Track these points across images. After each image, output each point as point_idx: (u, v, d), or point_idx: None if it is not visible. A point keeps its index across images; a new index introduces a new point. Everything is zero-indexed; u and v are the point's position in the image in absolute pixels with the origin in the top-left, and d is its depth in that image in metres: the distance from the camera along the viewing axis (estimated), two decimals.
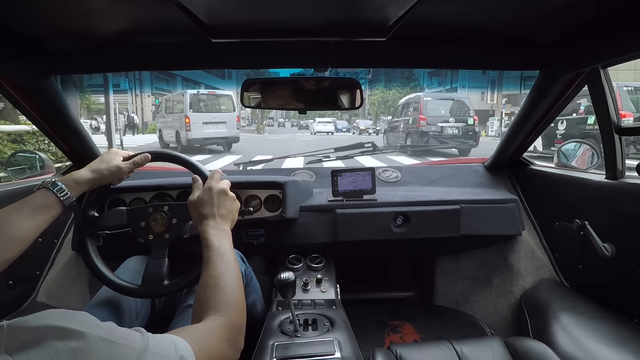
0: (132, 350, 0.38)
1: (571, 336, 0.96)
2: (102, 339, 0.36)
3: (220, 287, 0.62)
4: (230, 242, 0.73)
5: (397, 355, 0.91)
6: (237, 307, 0.61)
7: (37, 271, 1.22)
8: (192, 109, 9.58)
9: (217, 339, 0.53)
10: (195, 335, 0.50)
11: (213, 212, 0.75)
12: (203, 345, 0.49)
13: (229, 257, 0.68)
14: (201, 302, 0.61)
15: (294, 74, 0.98)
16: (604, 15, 0.76)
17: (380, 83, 29.76)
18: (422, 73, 25.24)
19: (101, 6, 0.69)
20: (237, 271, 0.68)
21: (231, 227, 0.78)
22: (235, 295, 0.63)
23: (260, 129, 21.70)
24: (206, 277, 0.64)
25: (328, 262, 1.29)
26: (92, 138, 1.29)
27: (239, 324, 0.60)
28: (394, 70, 25.12)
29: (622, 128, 0.97)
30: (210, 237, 0.70)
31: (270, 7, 0.71)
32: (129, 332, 0.41)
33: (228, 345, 0.55)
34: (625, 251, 1.00)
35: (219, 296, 0.61)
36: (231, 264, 0.68)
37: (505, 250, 1.45)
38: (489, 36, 0.91)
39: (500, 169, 1.58)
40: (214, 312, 0.58)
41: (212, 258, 0.67)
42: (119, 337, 0.38)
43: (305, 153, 1.99)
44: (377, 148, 2.09)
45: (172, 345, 0.43)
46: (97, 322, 0.38)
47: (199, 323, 0.56)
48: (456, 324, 1.49)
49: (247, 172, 1.65)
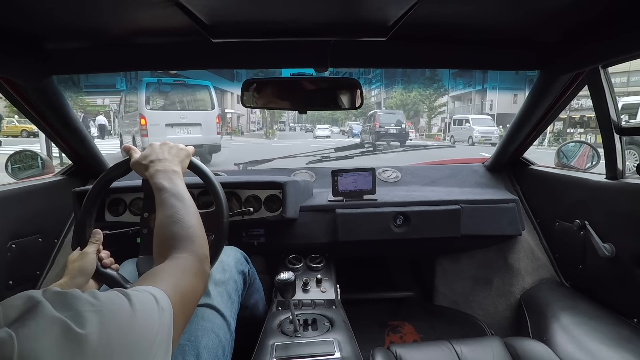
0: (124, 313, 0.37)
1: (571, 336, 0.96)
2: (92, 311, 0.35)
3: (178, 224, 0.61)
4: (182, 181, 0.72)
5: (396, 355, 0.91)
6: (197, 241, 0.60)
7: (37, 271, 1.22)
8: (150, 105, 6.73)
9: (186, 277, 0.53)
10: (165, 280, 0.49)
11: (158, 157, 0.74)
12: (176, 288, 0.48)
13: (182, 195, 0.67)
14: (161, 243, 0.60)
15: (294, 74, 0.98)
16: (604, 15, 0.76)
17: (397, 85, 29.05)
18: (445, 74, 23.84)
19: (101, 6, 0.69)
20: (192, 207, 0.67)
21: (183, 171, 0.77)
22: (194, 229, 0.62)
23: (270, 134, 20.10)
24: (162, 217, 0.63)
25: (328, 262, 1.29)
26: (92, 138, 1.29)
27: (202, 255, 0.59)
28: (414, 71, 24.33)
29: (622, 128, 0.97)
30: (159, 180, 0.69)
31: (270, 7, 0.71)
32: (114, 295, 0.39)
33: (197, 279, 0.55)
34: (625, 251, 1.00)
35: (178, 233, 0.60)
36: (186, 201, 0.66)
37: (505, 250, 1.45)
38: (489, 36, 0.91)
39: (501, 169, 1.58)
40: (175, 249, 0.57)
41: (165, 199, 0.65)
42: (106, 304, 0.37)
43: (306, 153, 1.99)
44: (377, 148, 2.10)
45: (152, 297, 0.42)
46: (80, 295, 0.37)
47: (164, 263, 0.55)
48: (456, 324, 1.49)
49: (247, 172, 1.65)
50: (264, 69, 1.04)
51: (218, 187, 0.86)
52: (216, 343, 0.75)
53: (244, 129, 24.15)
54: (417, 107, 26.63)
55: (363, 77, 31.10)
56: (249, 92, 0.98)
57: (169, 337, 0.43)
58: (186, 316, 0.50)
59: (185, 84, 7.41)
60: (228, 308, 0.84)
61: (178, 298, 0.47)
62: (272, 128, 22.35)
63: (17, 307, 0.32)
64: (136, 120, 6.75)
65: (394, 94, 28.64)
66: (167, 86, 7.08)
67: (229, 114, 20.76)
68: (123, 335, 0.36)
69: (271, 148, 12.04)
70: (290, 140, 16.83)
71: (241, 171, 1.75)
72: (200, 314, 0.78)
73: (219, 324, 0.79)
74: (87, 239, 0.83)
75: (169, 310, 0.44)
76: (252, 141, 15.36)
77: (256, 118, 26.73)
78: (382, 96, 34.61)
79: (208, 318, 0.78)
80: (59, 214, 1.31)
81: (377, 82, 35.95)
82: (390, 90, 30.81)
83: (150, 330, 0.39)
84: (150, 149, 0.77)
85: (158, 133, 6.55)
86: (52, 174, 1.39)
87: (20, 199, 1.15)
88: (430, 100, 25.08)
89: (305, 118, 44.13)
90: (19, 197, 1.14)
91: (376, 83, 36.47)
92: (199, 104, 7.33)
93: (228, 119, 20.86)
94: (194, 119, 7.06)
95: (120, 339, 0.35)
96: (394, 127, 13.64)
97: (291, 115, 45.72)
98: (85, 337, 0.32)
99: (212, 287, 0.85)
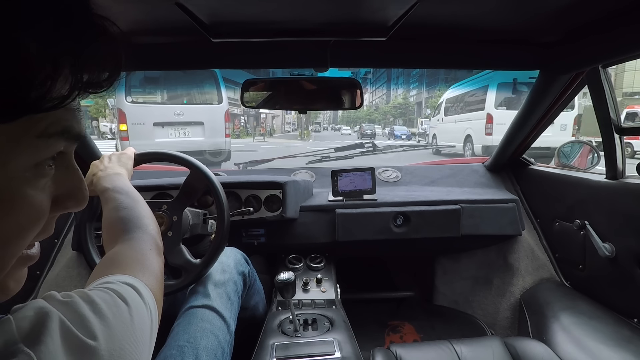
0: (125, 315, 0.37)
1: (571, 336, 0.96)
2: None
3: (123, 210, 0.61)
4: (126, 180, 0.73)
5: (396, 355, 0.91)
6: (144, 220, 0.60)
7: (37, 271, 1.22)
8: (131, 96, 4.90)
9: (144, 256, 0.52)
10: (132, 266, 0.47)
11: (100, 167, 0.76)
12: (145, 271, 0.47)
13: (126, 190, 0.67)
14: (109, 231, 0.59)
15: (294, 73, 0.98)
16: (604, 15, 0.76)
17: (441, 84, 28.21)
18: (469, 73, 23.21)
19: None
20: (137, 196, 0.67)
21: (129, 175, 0.78)
22: (139, 211, 0.62)
23: (305, 135, 19.10)
24: (106, 212, 0.63)
25: (328, 262, 1.29)
26: (92, 139, 1.29)
27: (152, 231, 0.59)
28: (437, 72, 23.70)
29: (622, 128, 0.97)
30: (102, 183, 0.69)
31: (270, 7, 0.71)
32: (108, 297, 0.38)
33: (154, 255, 0.54)
34: (625, 251, 1.00)
35: (123, 217, 0.59)
36: (130, 193, 0.67)
37: (505, 250, 1.45)
38: (489, 36, 0.91)
39: (501, 168, 1.58)
40: (124, 232, 0.57)
41: (109, 196, 0.66)
42: (107, 310, 0.36)
43: (305, 153, 1.99)
44: (377, 148, 2.10)
45: (133, 290, 0.41)
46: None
47: (118, 246, 0.54)
48: (456, 324, 1.49)
49: (247, 172, 1.65)
50: (264, 69, 1.04)
51: (218, 187, 0.86)
52: (215, 344, 0.75)
53: (278, 130, 23.67)
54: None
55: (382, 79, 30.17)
56: (249, 92, 0.98)
57: (157, 324, 0.42)
58: (161, 296, 0.49)
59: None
60: (227, 309, 0.84)
61: (152, 280, 0.46)
62: (307, 129, 21.57)
63: (29, 318, 0.30)
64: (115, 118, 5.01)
65: (437, 92, 27.20)
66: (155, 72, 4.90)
67: (262, 115, 20.45)
68: (130, 337, 0.36)
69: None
70: (326, 143, 13.23)
71: (241, 171, 1.75)
72: (199, 315, 0.78)
73: (218, 325, 0.79)
74: (87, 239, 0.83)
75: (151, 297, 0.43)
76: (285, 143, 13.26)
77: (291, 119, 26.12)
78: (423, 96, 33.61)
79: (207, 319, 0.78)
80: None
81: (415, 81, 35.08)
82: (433, 89, 29.79)
83: (145, 325, 0.39)
84: (90, 169, 0.77)
85: (143, 135, 4.73)
86: None
87: None
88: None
89: (334, 119, 43.99)
90: None
91: (414, 83, 35.67)
92: (200, 97, 5.36)
93: (262, 120, 20.64)
94: (194, 116, 5.09)
95: (128, 342, 0.35)
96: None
97: (326, 116, 45.50)
98: (97, 349, 0.32)
99: (212, 288, 0.85)
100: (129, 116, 4.76)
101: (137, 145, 4.41)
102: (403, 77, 36.82)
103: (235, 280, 0.92)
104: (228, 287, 0.88)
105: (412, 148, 3.05)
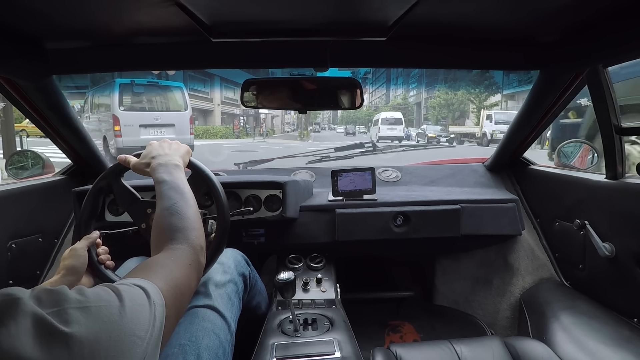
0: (113, 309, 0.37)
1: (571, 336, 0.96)
2: (78, 308, 0.34)
3: (175, 216, 0.61)
4: (183, 174, 0.73)
5: (396, 355, 0.91)
6: (193, 233, 0.60)
7: (37, 271, 1.22)
8: (124, 106, 6.89)
9: (180, 269, 0.52)
10: (159, 272, 0.49)
11: (159, 153, 0.75)
12: (169, 281, 0.48)
13: (182, 188, 0.68)
14: (158, 235, 0.59)
15: (294, 73, 0.98)
16: (604, 15, 0.76)
17: (440, 84, 27.23)
18: (470, 74, 21.52)
19: (102, 6, 0.69)
20: (192, 199, 0.67)
21: (185, 164, 0.78)
22: (191, 221, 0.62)
23: (304, 135, 18.97)
24: (160, 209, 0.63)
25: (328, 262, 1.29)
26: (92, 138, 1.29)
27: (197, 246, 0.59)
28: (436, 72, 23.20)
29: (622, 128, 0.97)
30: (160, 174, 0.70)
31: (270, 7, 0.71)
32: (102, 291, 0.39)
33: (191, 270, 0.54)
34: (625, 251, 1.00)
35: (175, 224, 0.60)
36: (185, 193, 0.67)
37: (505, 250, 1.45)
38: (489, 36, 0.91)
39: (501, 168, 1.58)
40: (171, 241, 0.57)
41: (165, 191, 0.66)
42: (93, 301, 0.36)
43: (305, 153, 1.99)
44: (377, 148, 2.10)
45: (142, 292, 0.42)
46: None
47: (159, 254, 0.55)
48: (456, 324, 1.49)
49: (247, 172, 1.65)
50: (263, 68, 1.04)
51: (218, 186, 0.86)
52: (217, 344, 0.75)
53: (278, 130, 23.60)
54: (463, 107, 24.67)
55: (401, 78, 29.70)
56: (249, 92, 0.98)
57: (161, 331, 0.42)
58: (179, 309, 0.49)
59: (158, 85, 7.61)
60: (228, 310, 0.84)
61: (171, 291, 0.47)
62: (306, 129, 21.33)
63: None
64: (108, 121, 6.89)
65: (437, 93, 26.59)
66: (140, 87, 7.20)
67: (262, 115, 20.31)
68: (111, 332, 0.35)
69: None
70: (325, 143, 12.99)
71: (241, 171, 1.75)
72: (201, 315, 0.79)
73: (219, 325, 0.79)
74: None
75: (161, 303, 0.43)
76: (284, 143, 13.57)
77: (291, 119, 26.12)
78: (422, 96, 33.23)
79: (209, 319, 0.78)
80: (59, 214, 1.31)
81: (414, 82, 34.68)
82: (433, 89, 28.90)
83: (141, 326, 0.39)
84: (150, 147, 0.79)
85: (132, 133, 6.66)
86: (52, 174, 1.39)
87: (21, 199, 1.15)
88: (480, 99, 22.50)
89: (334, 119, 44.10)
90: (19, 197, 1.14)
91: (413, 83, 35.25)
92: (172, 105, 7.53)
93: (262, 120, 20.38)
94: (168, 119, 7.22)
95: (108, 336, 0.35)
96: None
97: (326, 117, 45.53)
98: (71, 336, 0.32)
99: (213, 289, 0.85)
100: (122, 120, 6.67)
101: (127, 141, 5.13)
102: (402, 77, 36.68)
103: (235, 281, 0.92)
104: (229, 288, 0.89)
105: (412, 148, 3.04)
